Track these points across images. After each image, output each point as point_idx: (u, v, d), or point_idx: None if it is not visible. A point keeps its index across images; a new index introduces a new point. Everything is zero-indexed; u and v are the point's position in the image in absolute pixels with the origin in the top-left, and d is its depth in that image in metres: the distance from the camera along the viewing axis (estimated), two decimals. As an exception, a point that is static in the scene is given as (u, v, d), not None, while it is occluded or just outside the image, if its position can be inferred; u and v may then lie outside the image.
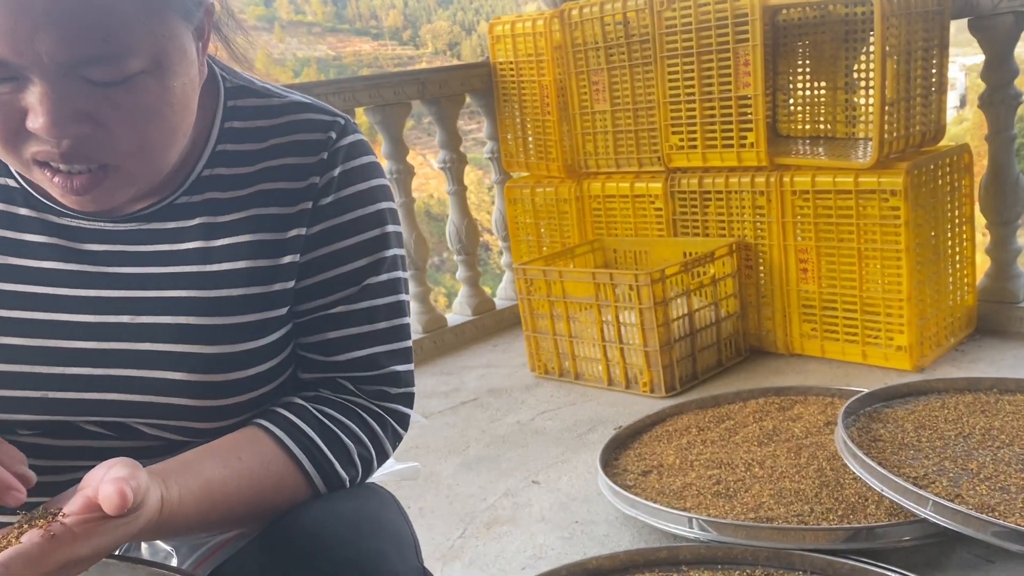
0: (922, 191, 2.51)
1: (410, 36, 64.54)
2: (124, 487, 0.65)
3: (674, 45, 2.81)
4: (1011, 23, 2.58)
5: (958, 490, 1.68)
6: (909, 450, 1.88)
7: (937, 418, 2.03)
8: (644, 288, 2.58)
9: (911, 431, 1.97)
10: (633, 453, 2.20)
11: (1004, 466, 1.77)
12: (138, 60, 0.73)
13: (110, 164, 0.76)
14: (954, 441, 1.91)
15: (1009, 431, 1.93)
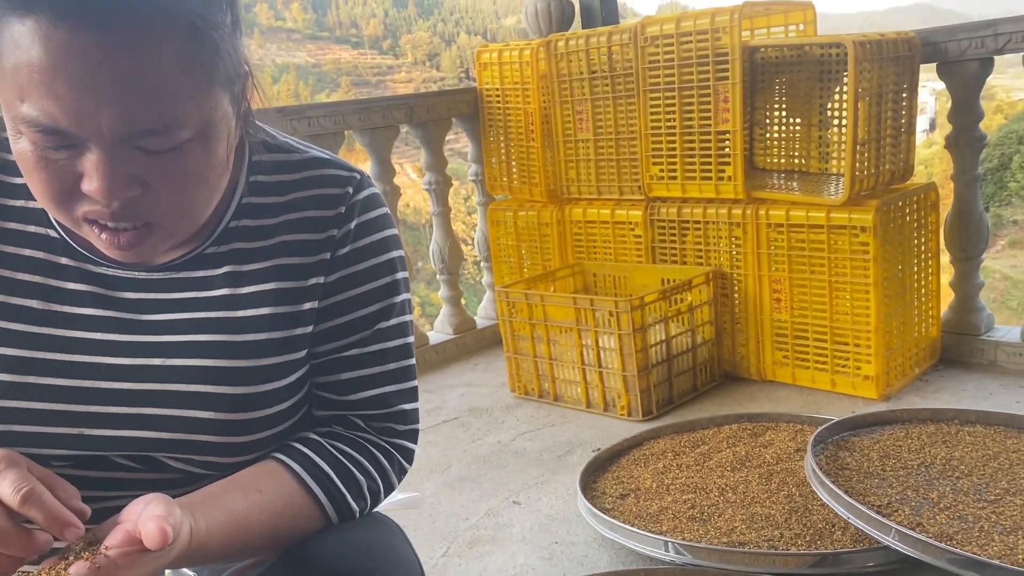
0: (890, 227, 2.62)
1: (390, 46, 64.62)
2: (164, 525, 0.72)
3: (656, 79, 2.91)
4: (976, 69, 2.71)
5: (919, 519, 1.77)
6: (874, 479, 1.97)
7: (901, 448, 2.13)
8: (624, 314, 2.66)
9: (876, 460, 2.07)
10: (611, 476, 2.27)
11: (963, 496, 1.87)
12: (187, 131, 0.79)
13: (154, 222, 0.83)
14: (916, 471, 2.01)
15: (968, 462, 2.03)
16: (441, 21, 67.38)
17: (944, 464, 2.03)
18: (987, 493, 1.88)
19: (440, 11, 69.55)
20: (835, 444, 2.18)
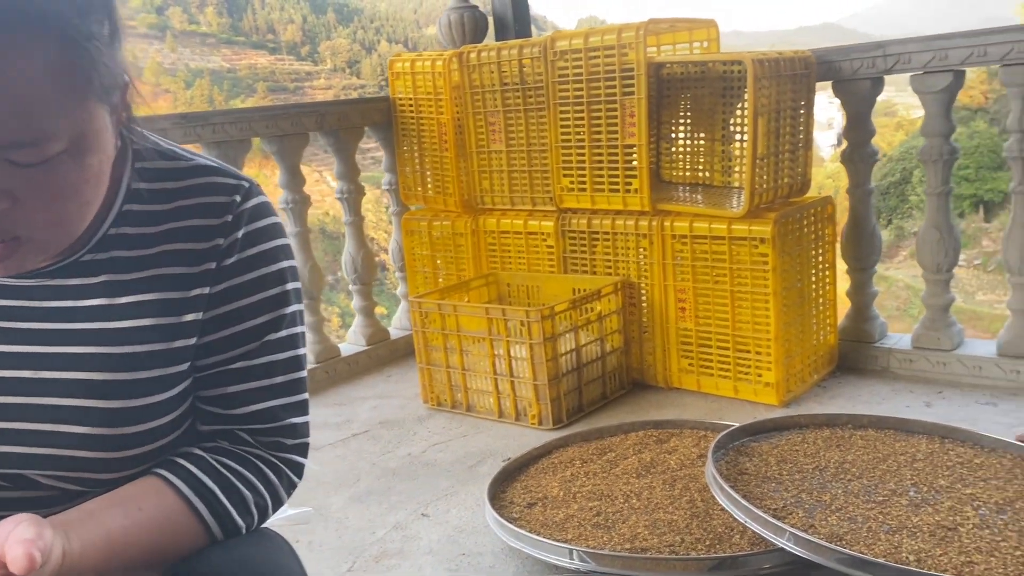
0: (789, 239, 2.72)
1: (308, 52, 63.71)
2: (32, 549, 0.69)
3: (566, 93, 2.95)
4: (868, 88, 2.84)
5: (812, 521, 1.84)
6: (771, 483, 2.04)
7: (798, 452, 2.21)
8: (535, 324, 2.69)
9: (774, 464, 2.14)
10: (520, 485, 2.29)
11: (853, 498, 1.95)
12: (58, 143, 0.76)
13: (23, 236, 0.79)
14: (811, 474, 2.08)
15: (860, 465, 2.12)
16: (361, 28, 66.86)
17: (837, 467, 2.11)
18: (875, 494, 1.96)
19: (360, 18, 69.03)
20: (735, 450, 2.24)
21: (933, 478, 2.04)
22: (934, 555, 1.69)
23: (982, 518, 1.84)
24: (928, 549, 1.71)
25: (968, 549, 1.72)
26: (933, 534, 1.78)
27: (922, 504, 1.91)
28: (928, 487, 1.99)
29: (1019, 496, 1.93)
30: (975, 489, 1.97)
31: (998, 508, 1.88)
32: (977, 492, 1.95)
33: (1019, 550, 1.71)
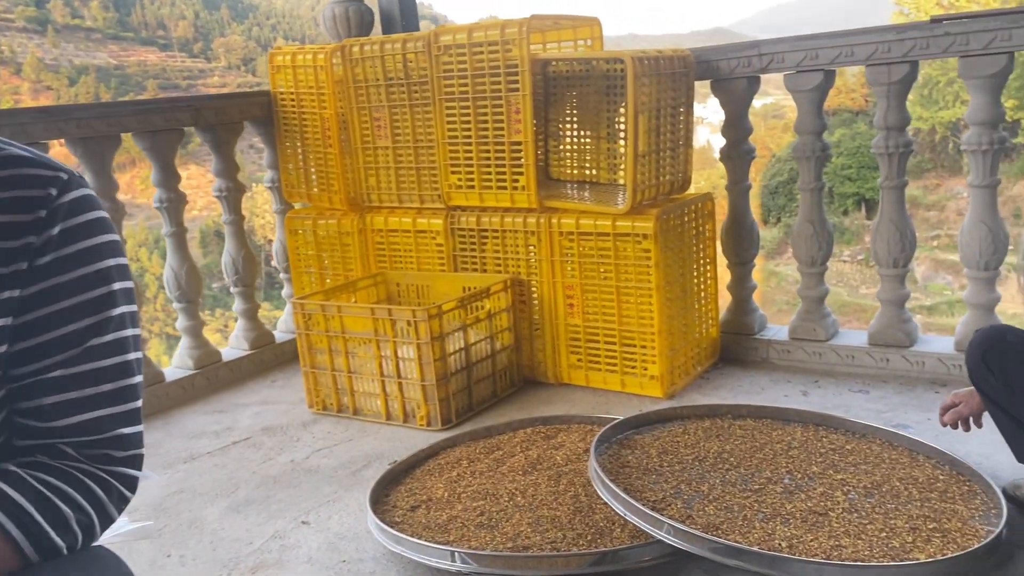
0: (671, 235, 2.76)
1: (201, 49, 61.60)
2: None
3: (451, 89, 2.92)
4: (745, 86, 2.92)
5: (690, 511, 1.86)
6: (652, 475, 2.06)
7: (679, 443, 2.24)
8: (422, 323, 2.64)
9: (655, 456, 2.16)
10: (404, 488, 2.24)
11: (730, 487, 1.99)
12: None
13: None
14: (691, 465, 2.11)
15: (738, 454, 2.16)
16: (256, 25, 65.07)
17: (716, 457, 2.15)
18: (752, 483, 2.01)
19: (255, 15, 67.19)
20: (619, 443, 2.25)
21: (807, 465, 2.10)
22: (805, 541, 1.74)
23: (851, 502, 1.90)
24: (800, 535, 1.76)
25: (837, 533, 1.77)
26: (805, 520, 1.83)
27: (796, 491, 1.96)
28: (802, 474, 2.05)
29: (886, 480, 2.00)
30: (845, 474, 2.03)
31: (866, 492, 1.95)
32: (847, 477, 2.02)
33: (884, 532, 1.77)
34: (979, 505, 1.87)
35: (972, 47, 2.44)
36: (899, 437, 2.19)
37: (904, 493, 1.93)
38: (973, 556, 1.65)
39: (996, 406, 1.85)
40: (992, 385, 1.81)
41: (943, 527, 1.78)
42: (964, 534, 1.75)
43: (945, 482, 1.98)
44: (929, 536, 1.75)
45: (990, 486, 1.90)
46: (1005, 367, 1.78)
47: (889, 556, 1.68)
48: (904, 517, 1.82)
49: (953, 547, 1.69)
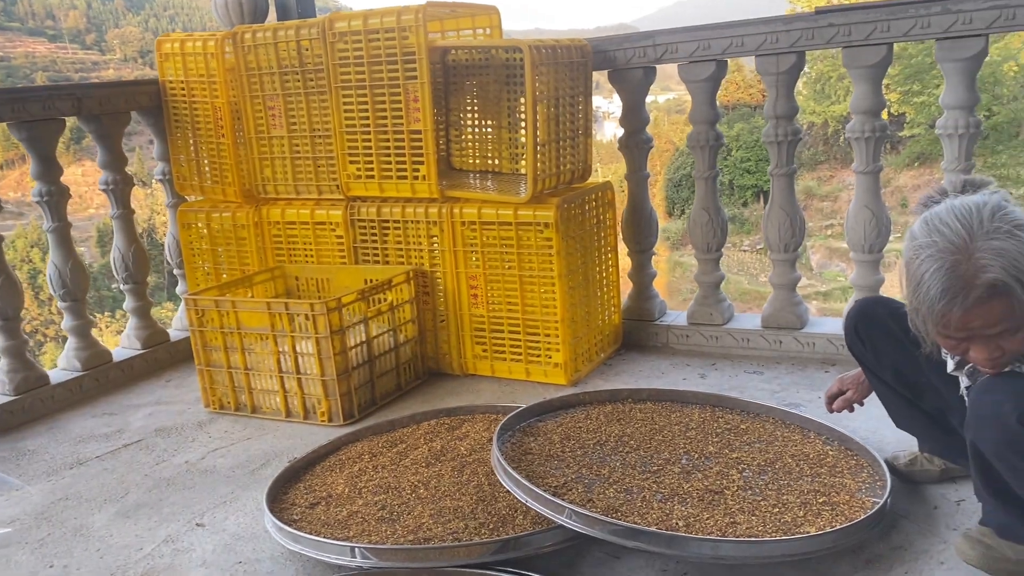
0: (571, 223, 2.78)
1: (95, 40, 58.95)
2: None
3: (348, 77, 2.86)
4: (641, 76, 2.96)
5: (591, 495, 1.87)
6: (554, 461, 2.06)
7: (581, 429, 2.25)
8: (320, 317, 2.58)
9: (558, 442, 2.16)
10: (304, 485, 2.18)
11: (630, 469, 2.01)
12: None
13: None
14: (592, 449, 2.13)
15: (638, 437, 2.19)
16: (154, 16, 62.64)
17: (617, 441, 2.17)
18: (651, 464, 2.04)
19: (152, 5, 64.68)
20: (522, 431, 2.25)
21: (704, 445, 2.14)
22: (702, 519, 1.77)
23: (746, 480, 1.95)
24: (696, 514, 1.79)
25: (732, 510, 1.81)
26: (702, 499, 1.86)
27: (693, 471, 2.00)
28: (699, 454, 2.09)
29: (779, 457, 2.06)
30: (741, 453, 2.09)
31: (760, 469, 2.00)
32: (742, 456, 2.07)
33: (777, 508, 1.82)
34: (866, 478, 1.94)
35: (854, 37, 2.54)
36: (791, 415, 2.26)
37: (796, 469, 1.99)
38: (859, 527, 1.71)
39: (872, 374, 1.93)
40: (863, 353, 1.89)
41: (832, 500, 1.84)
42: (852, 506, 1.81)
43: (834, 457, 2.05)
44: (819, 510, 1.80)
45: (876, 459, 1.97)
46: (872, 335, 1.86)
47: (781, 531, 1.73)
48: (796, 492, 1.88)
49: (841, 519, 1.75)
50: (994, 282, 1.37)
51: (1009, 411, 1.44)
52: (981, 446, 1.54)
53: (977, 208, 1.41)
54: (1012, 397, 1.46)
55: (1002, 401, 1.46)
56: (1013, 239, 1.37)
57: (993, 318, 1.40)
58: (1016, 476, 1.52)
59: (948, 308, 1.40)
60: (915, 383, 1.86)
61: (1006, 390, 1.48)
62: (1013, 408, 1.44)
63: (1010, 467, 1.52)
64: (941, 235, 1.41)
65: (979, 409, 1.52)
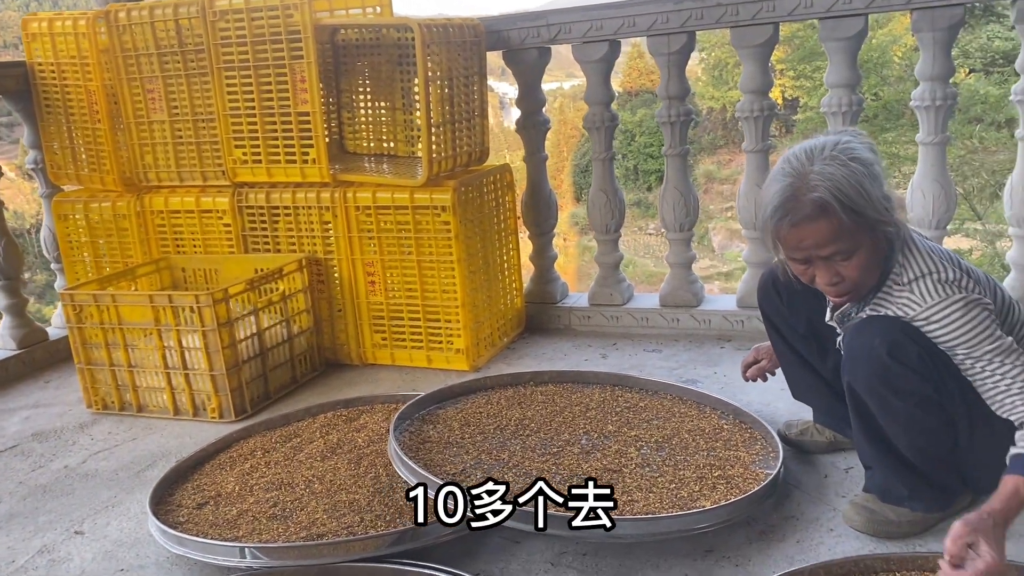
0: (469, 207, 2.73)
1: (-33, 23, 55.27)
2: None
3: (230, 57, 2.73)
4: (536, 57, 2.93)
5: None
6: (452, 448, 2.02)
7: (481, 414, 2.22)
8: (206, 309, 2.46)
9: (457, 429, 2.12)
10: (192, 485, 2.08)
11: (530, 453, 1.99)
12: None
13: None
14: (492, 434, 2.10)
15: (539, 420, 2.17)
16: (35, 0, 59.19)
17: (518, 425, 2.14)
18: (551, 446, 2.02)
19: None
20: (421, 419, 2.20)
21: (603, 424, 2.14)
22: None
23: (643, 457, 1.95)
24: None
25: (630, 488, 1.81)
26: (601, 478, 1.86)
27: (592, 451, 1.99)
28: (598, 434, 2.09)
29: (675, 433, 2.07)
30: (639, 431, 2.09)
31: (657, 446, 2.01)
32: (640, 433, 2.08)
33: (673, 483, 1.83)
34: (759, 450, 1.97)
35: (742, 17, 2.57)
36: (688, 391, 2.28)
37: (692, 444, 2.01)
38: (752, 499, 1.73)
39: (780, 337, 1.94)
40: (778, 307, 1.90)
41: (727, 474, 1.86)
42: (746, 479, 1.84)
43: (729, 431, 2.08)
44: (715, 483, 1.82)
45: (768, 431, 2.01)
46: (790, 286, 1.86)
47: (677, 506, 1.73)
48: (692, 467, 1.89)
49: (736, 492, 1.78)
50: (818, 201, 1.47)
51: (878, 345, 1.53)
52: (856, 386, 1.60)
53: (823, 143, 1.52)
54: (880, 333, 1.54)
55: (872, 337, 1.55)
56: (846, 168, 1.47)
57: (822, 238, 1.49)
58: (888, 414, 1.58)
59: (780, 223, 1.51)
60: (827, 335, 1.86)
61: (874, 328, 1.56)
62: (882, 342, 1.53)
63: (882, 403, 1.57)
64: (788, 163, 1.53)
65: (852, 351, 1.60)
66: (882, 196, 1.49)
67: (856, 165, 1.48)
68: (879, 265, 1.56)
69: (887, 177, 1.59)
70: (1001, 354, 1.47)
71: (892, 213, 1.51)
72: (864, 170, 1.48)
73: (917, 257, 1.56)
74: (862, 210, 1.47)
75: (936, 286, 1.52)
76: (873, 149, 1.54)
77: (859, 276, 1.54)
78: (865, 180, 1.47)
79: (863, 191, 1.47)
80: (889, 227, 1.52)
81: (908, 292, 1.55)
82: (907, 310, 1.54)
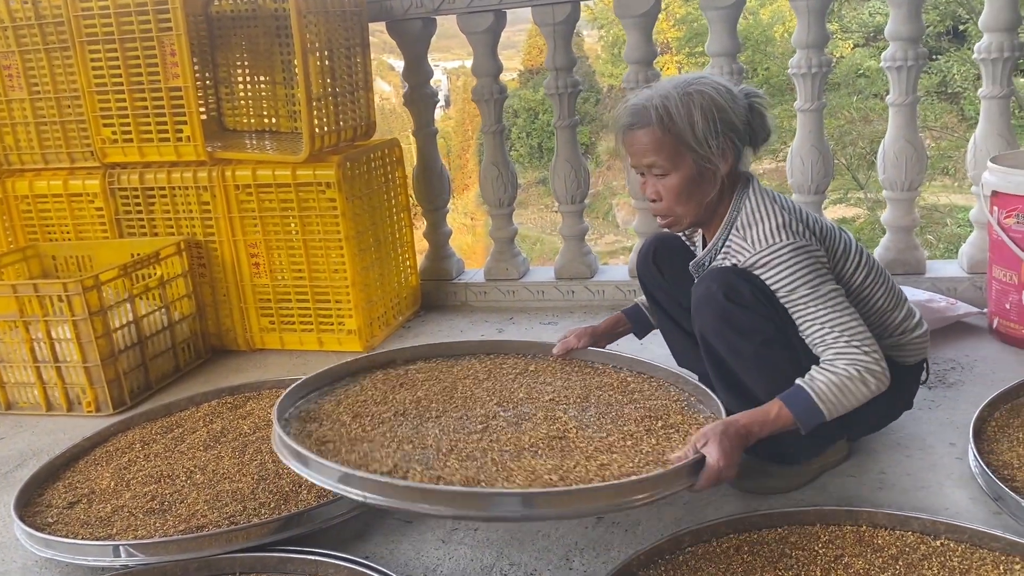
0: (356, 183, 2.66)
1: None
2: None
3: (93, 29, 2.56)
4: (420, 28, 2.86)
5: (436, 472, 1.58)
6: (363, 443, 1.79)
7: (366, 402, 1.98)
8: (75, 297, 2.32)
9: (350, 422, 1.88)
10: (63, 484, 1.95)
11: (455, 434, 1.70)
12: None
13: None
14: (395, 421, 1.84)
15: (436, 398, 1.91)
16: None
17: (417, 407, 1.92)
18: (472, 424, 1.78)
19: None
20: (298, 420, 1.98)
21: (510, 393, 1.99)
22: (569, 467, 1.57)
23: (577, 420, 1.78)
24: (560, 464, 1.59)
25: (590, 452, 1.63)
26: (551, 447, 1.67)
27: (519, 421, 1.80)
28: (512, 403, 1.94)
29: (588, 391, 1.95)
30: (553, 394, 1.96)
31: (580, 407, 1.86)
32: (556, 396, 1.93)
33: (628, 440, 1.68)
34: (676, 395, 1.88)
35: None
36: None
37: (612, 399, 1.89)
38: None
39: (660, 308, 1.95)
40: (657, 279, 1.91)
41: (669, 422, 1.75)
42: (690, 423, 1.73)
43: (636, 382, 1.97)
44: (667, 433, 1.70)
45: (675, 374, 1.92)
46: (671, 258, 1.88)
47: (651, 460, 1.59)
48: (631, 421, 1.76)
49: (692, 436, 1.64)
50: (637, 108, 1.58)
51: (716, 290, 1.60)
52: (705, 333, 1.64)
53: (686, 75, 1.63)
54: (717, 279, 1.62)
55: (711, 283, 1.62)
56: (684, 94, 1.56)
57: (643, 146, 1.60)
58: (737, 357, 1.62)
59: (615, 125, 1.64)
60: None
61: (713, 277, 1.63)
62: (719, 287, 1.60)
63: (728, 345, 1.61)
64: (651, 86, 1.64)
65: (696, 300, 1.66)
66: (710, 132, 1.56)
67: (696, 97, 1.56)
68: (697, 199, 1.64)
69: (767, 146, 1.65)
70: (817, 299, 1.54)
71: (714, 151, 1.58)
72: (702, 101, 1.55)
73: (755, 206, 1.64)
74: (680, 132, 1.56)
75: (766, 234, 1.59)
76: (723, 95, 1.59)
77: (674, 200, 1.63)
78: (696, 111, 1.55)
79: (690, 118, 1.55)
80: (708, 164, 1.59)
81: (741, 240, 1.63)
82: (740, 257, 1.62)
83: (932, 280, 2.59)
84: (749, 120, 1.63)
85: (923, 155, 2.58)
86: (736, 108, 1.60)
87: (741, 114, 1.61)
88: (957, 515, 1.54)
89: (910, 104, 2.54)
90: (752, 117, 1.63)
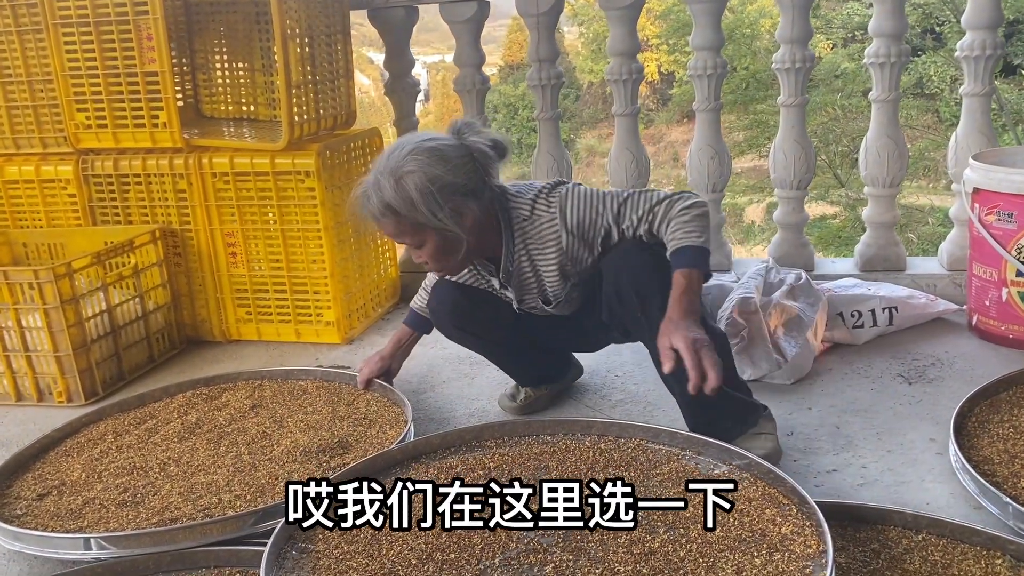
0: (336, 172, 2.62)
1: None
2: None
3: (68, 12, 2.50)
4: (403, 16, 2.83)
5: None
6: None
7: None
8: (47, 285, 2.27)
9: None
10: (33, 475, 1.91)
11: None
12: None
13: None
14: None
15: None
16: None
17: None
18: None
19: None
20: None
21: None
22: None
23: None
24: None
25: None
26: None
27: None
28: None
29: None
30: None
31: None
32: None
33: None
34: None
35: (609, -22, 2.55)
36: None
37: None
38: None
39: (485, 348, 2.06)
40: (468, 338, 2.02)
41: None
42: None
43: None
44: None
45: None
46: (471, 321, 1.94)
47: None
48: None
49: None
50: (377, 208, 1.62)
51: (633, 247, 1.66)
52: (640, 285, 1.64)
53: (401, 149, 1.63)
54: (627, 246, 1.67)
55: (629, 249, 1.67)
56: (397, 185, 1.59)
57: (389, 232, 1.69)
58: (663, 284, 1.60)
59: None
60: (528, 326, 1.94)
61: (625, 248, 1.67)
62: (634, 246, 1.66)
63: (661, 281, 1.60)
64: (375, 164, 1.67)
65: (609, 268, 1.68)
66: (435, 207, 1.59)
67: (408, 181, 1.58)
68: (458, 250, 1.68)
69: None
70: (618, 195, 1.67)
71: (447, 221, 1.61)
72: (416, 183, 1.58)
73: (516, 194, 1.73)
74: (410, 217, 1.61)
75: (546, 201, 1.69)
76: (436, 163, 1.60)
77: (439, 261, 1.70)
78: (413, 193, 1.58)
79: (410, 205, 1.59)
80: (448, 230, 1.63)
81: (539, 221, 1.70)
82: (554, 230, 1.69)
83: (912, 276, 2.60)
84: (475, 161, 1.65)
85: (904, 152, 2.59)
86: (454, 165, 1.62)
87: (463, 167, 1.63)
88: (938, 510, 1.54)
89: (892, 100, 2.54)
90: (477, 155, 1.65)
